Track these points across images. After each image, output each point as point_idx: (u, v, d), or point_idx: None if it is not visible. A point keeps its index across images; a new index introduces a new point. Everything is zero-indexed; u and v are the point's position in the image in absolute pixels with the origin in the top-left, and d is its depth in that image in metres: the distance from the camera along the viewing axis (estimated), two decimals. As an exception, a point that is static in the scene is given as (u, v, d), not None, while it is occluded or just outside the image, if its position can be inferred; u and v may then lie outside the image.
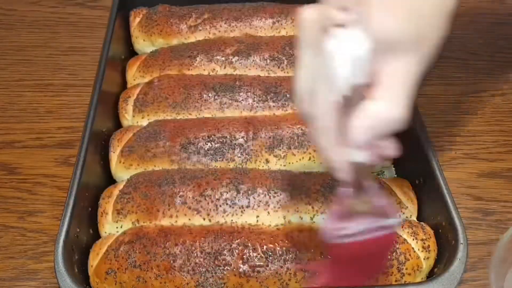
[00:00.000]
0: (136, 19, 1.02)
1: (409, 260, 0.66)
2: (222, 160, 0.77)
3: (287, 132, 0.79)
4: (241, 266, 0.64)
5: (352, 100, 0.48)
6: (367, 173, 0.53)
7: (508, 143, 0.90)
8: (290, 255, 0.64)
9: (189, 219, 0.70)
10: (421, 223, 0.71)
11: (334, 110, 0.48)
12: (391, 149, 0.50)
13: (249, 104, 0.85)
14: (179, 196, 0.71)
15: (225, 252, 0.64)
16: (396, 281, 0.65)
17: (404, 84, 0.47)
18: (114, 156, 0.80)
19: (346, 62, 0.46)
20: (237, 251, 0.64)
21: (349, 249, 0.55)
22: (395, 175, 0.82)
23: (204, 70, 0.91)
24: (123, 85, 0.94)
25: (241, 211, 0.70)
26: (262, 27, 0.99)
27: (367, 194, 0.53)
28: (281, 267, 0.64)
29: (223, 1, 1.04)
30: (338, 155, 0.49)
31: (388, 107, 0.47)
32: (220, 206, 0.71)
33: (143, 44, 1.00)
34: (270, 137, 0.79)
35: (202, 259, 0.64)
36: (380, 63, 0.47)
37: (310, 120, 0.50)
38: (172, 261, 0.64)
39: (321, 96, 0.48)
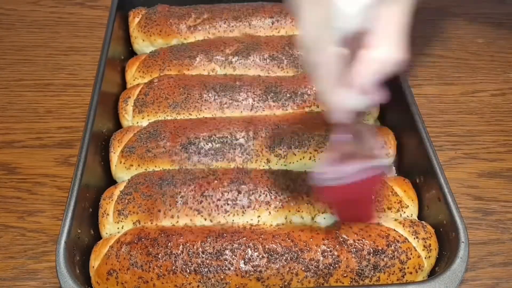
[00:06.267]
0: (135, 19, 1.02)
1: (410, 259, 0.66)
2: (223, 160, 0.77)
3: (288, 131, 0.79)
4: (243, 266, 0.64)
5: (352, 50, 0.54)
6: (360, 117, 0.60)
7: (508, 143, 0.90)
8: (292, 255, 0.64)
9: (190, 220, 0.70)
10: (422, 222, 0.71)
11: (336, 56, 0.52)
12: (382, 94, 0.57)
13: (249, 104, 0.85)
14: (180, 197, 0.71)
15: (226, 252, 0.64)
16: (397, 280, 0.65)
17: (398, 30, 0.54)
18: (114, 157, 0.79)
19: (350, 2, 0.51)
20: (238, 251, 0.64)
21: (342, 192, 0.60)
22: (396, 174, 0.83)
23: (203, 70, 0.91)
24: (123, 85, 0.94)
25: (242, 211, 0.70)
26: (262, 26, 0.99)
27: (359, 137, 0.59)
28: (283, 266, 0.64)
29: (222, 1, 1.03)
30: (340, 98, 0.54)
31: (388, 51, 0.54)
32: (222, 206, 0.70)
33: (142, 44, 1.00)
34: (270, 137, 0.79)
35: (203, 259, 0.64)
36: (376, 13, 0.53)
37: (315, 68, 0.54)
38: (173, 261, 0.64)
39: (324, 43, 0.52)
